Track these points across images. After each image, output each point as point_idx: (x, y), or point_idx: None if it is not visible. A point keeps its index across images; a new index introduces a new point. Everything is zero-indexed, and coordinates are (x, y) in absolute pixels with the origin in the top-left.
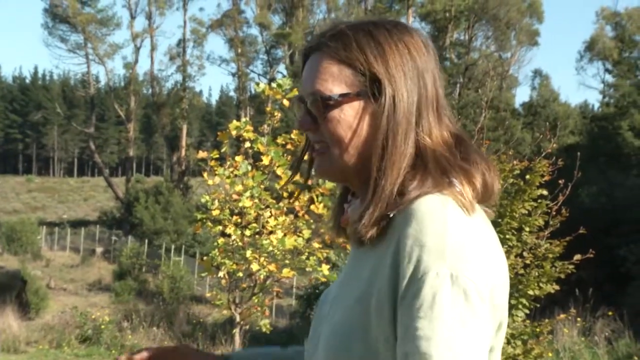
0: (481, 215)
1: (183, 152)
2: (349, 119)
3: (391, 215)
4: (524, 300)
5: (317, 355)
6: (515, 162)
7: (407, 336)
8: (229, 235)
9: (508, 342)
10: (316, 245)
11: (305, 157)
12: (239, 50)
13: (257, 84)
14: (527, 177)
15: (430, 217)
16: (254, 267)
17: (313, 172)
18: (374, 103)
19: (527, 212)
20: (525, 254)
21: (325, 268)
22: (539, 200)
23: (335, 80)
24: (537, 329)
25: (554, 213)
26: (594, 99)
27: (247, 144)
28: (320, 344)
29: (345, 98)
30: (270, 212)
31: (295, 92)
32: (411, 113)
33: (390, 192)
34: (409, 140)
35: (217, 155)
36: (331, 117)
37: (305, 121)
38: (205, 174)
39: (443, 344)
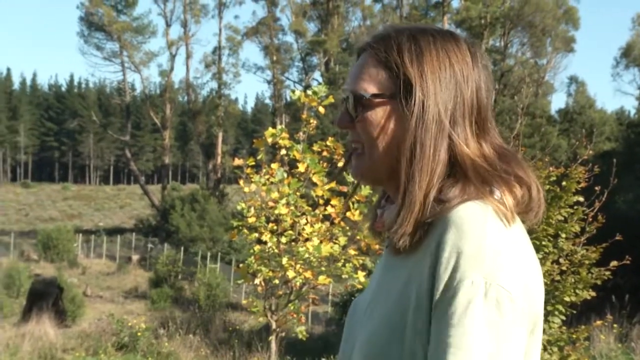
0: (519, 225)
1: (219, 160)
2: (380, 120)
3: (429, 222)
4: (560, 307)
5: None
6: (551, 168)
7: (437, 343)
8: (265, 243)
9: (545, 349)
10: (352, 252)
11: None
12: (274, 58)
13: (293, 91)
14: (563, 183)
15: (470, 224)
16: (290, 274)
17: (350, 175)
18: (404, 106)
19: (563, 218)
20: (561, 260)
21: (361, 275)
22: (575, 207)
23: (371, 81)
24: (574, 336)
25: (590, 219)
26: (630, 106)
27: (283, 151)
28: (355, 350)
29: (377, 99)
30: (306, 219)
31: (331, 100)
32: (442, 121)
33: (421, 198)
34: (439, 146)
35: (253, 163)
36: (365, 117)
37: (343, 119)
38: (241, 182)
39: (471, 354)
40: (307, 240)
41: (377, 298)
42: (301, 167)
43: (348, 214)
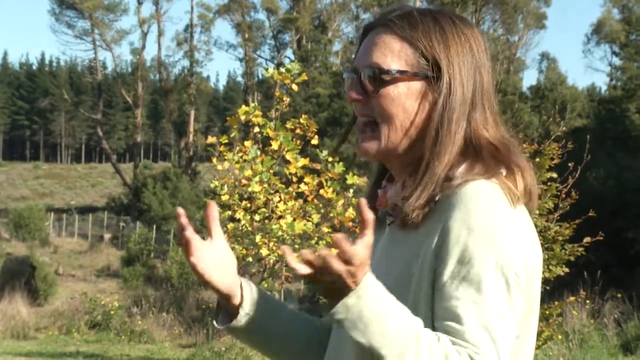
0: (523, 207)
1: (191, 138)
2: (402, 97)
3: (437, 199)
4: None
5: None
6: (524, 145)
7: (447, 316)
8: (239, 220)
9: None
10: (325, 229)
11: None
12: (246, 36)
13: (266, 69)
14: (537, 160)
15: (480, 203)
16: (264, 251)
17: (357, 148)
18: (431, 86)
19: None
20: None
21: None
22: (549, 183)
23: (395, 56)
24: (547, 312)
25: (564, 196)
26: (601, 82)
27: (256, 129)
28: None
29: (402, 75)
30: (280, 196)
31: (304, 77)
32: (465, 102)
33: (440, 175)
34: (460, 127)
35: (227, 141)
36: (385, 93)
37: (357, 91)
38: (214, 159)
39: (482, 328)
40: (280, 217)
41: (379, 272)
42: (274, 145)
43: (321, 191)
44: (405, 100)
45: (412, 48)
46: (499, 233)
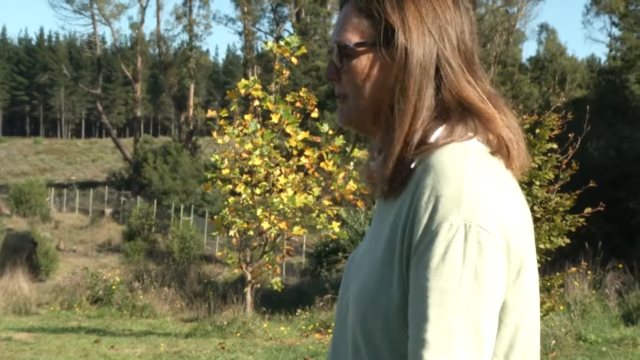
0: (502, 166)
1: (191, 112)
2: (365, 68)
3: (412, 167)
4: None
5: (349, 310)
6: (524, 116)
7: (416, 287)
8: (239, 194)
9: None
10: (326, 202)
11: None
12: (245, 9)
13: (266, 42)
14: (537, 131)
15: (449, 167)
16: (265, 225)
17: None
18: (389, 54)
19: (537, 166)
20: (535, 208)
21: (335, 225)
22: (549, 154)
23: (354, 30)
24: (549, 283)
25: (564, 167)
26: (601, 53)
27: (256, 103)
28: (350, 299)
29: (360, 48)
30: (280, 170)
31: (304, 50)
32: (426, 66)
33: (403, 143)
34: (424, 92)
35: (226, 114)
36: (349, 67)
37: (330, 71)
38: (214, 133)
39: (453, 297)
40: (281, 191)
41: (368, 248)
42: (274, 118)
43: (322, 164)
44: (368, 71)
45: (368, 19)
46: (467, 194)
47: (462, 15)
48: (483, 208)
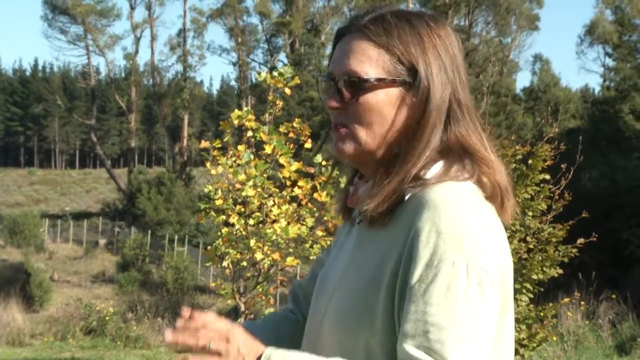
0: (492, 208)
1: (185, 143)
2: (380, 104)
3: (407, 198)
4: (528, 285)
5: (323, 333)
6: (517, 147)
7: (416, 320)
8: (233, 225)
9: None
10: (320, 233)
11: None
12: (240, 40)
13: (259, 73)
14: (530, 161)
15: (449, 205)
16: (258, 256)
17: (332, 149)
18: (408, 93)
19: (529, 196)
20: (528, 238)
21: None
22: (542, 185)
23: (372, 64)
24: (542, 313)
25: (557, 197)
26: (595, 83)
27: (250, 133)
28: (327, 322)
29: (381, 83)
30: (274, 200)
31: (297, 81)
32: (442, 107)
33: (408, 175)
34: (436, 131)
35: (220, 145)
36: (363, 100)
37: (335, 99)
38: (207, 164)
39: (454, 334)
40: (274, 221)
41: (348, 274)
42: (268, 149)
43: (315, 195)
44: (383, 107)
45: (388, 54)
46: (468, 234)
47: (463, 59)
48: (483, 249)
